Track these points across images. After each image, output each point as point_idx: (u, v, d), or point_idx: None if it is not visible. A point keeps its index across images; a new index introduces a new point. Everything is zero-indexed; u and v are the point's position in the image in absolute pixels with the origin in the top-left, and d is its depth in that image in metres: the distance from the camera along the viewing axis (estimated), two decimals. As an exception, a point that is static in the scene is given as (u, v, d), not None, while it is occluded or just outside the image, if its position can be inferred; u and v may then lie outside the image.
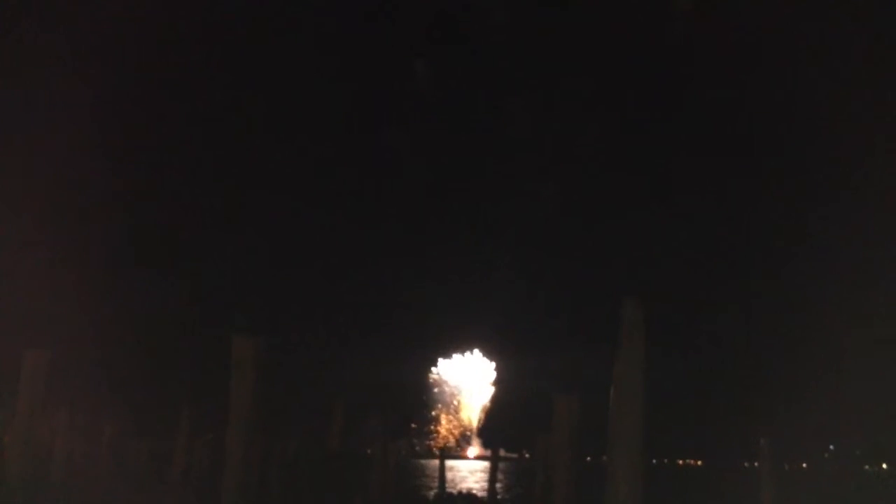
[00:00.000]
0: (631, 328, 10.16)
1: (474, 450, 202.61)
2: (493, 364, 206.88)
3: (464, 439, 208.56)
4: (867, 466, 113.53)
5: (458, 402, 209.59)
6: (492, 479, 27.09)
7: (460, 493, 31.73)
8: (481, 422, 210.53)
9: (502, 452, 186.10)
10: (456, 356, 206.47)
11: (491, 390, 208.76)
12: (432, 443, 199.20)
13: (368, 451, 25.93)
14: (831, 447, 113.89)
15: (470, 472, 78.58)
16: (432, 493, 29.96)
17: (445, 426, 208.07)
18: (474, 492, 32.62)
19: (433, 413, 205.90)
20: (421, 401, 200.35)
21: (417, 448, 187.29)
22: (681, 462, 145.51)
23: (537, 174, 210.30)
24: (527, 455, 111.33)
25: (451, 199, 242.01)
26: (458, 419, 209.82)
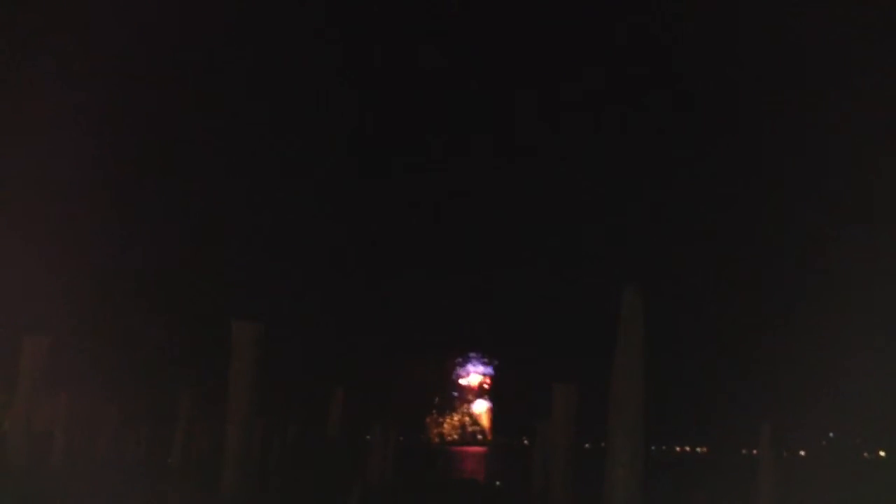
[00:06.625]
0: (631, 315, 10.15)
1: (475, 438, 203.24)
2: (492, 363, 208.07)
3: (465, 427, 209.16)
4: (865, 454, 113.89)
5: (461, 391, 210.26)
6: (491, 466, 27.18)
7: (460, 478, 31.86)
8: (482, 412, 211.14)
9: (501, 440, 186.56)
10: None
11: (490, 382, 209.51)
12: (434, 430, 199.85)
13: (368, 437, 25.99)
14: (830, 435, 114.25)
15: (470, 458, 78.85)
16: (432, 478, 30.03)
17: (451, 421, 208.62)
18: (473, 477, 32.74)
19: (435, 401, 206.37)
20: (424, 389, 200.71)
21: (421, 436, 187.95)
22: (678, 449, 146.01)
23: (541, 166, 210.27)
24: (525, 442, 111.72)
25: (449, 192, 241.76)
26: (461, 409, 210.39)
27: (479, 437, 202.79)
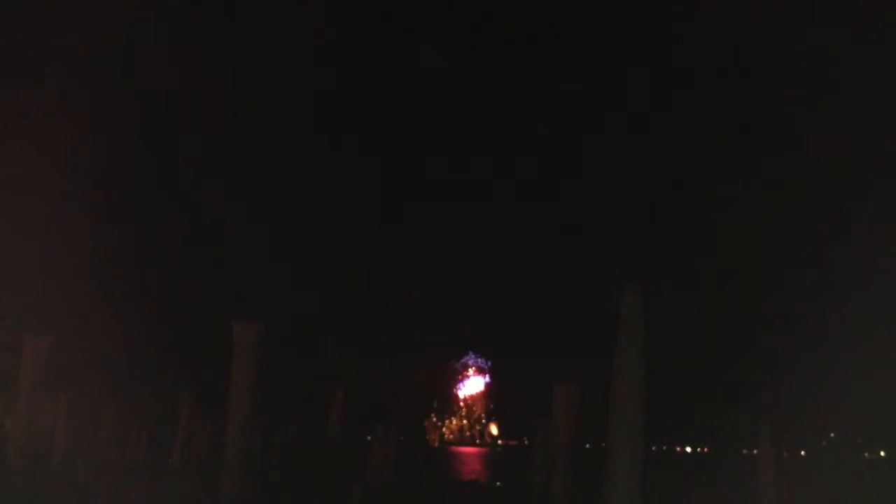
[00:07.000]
0: (631, 315, 10.15)
1: (473, 439, 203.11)
2: (489, 362, 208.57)
3: (462, 430, 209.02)
4: (866, 454, 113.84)
5: (462, 394, 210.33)
6: (490, 466, 27.18)
7: (460, 479, 31.84)
8: (482, 412, 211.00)
9: (502, 441, 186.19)
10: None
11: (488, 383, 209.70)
12: (434, 432, 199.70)
13: (368, 437, 25.98)
14: (831, 435, 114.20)
15: (471, 459, 78.77)
16: (432, 478, 30.00)
17: (450, 425, 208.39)
18: (474, 477, 32.72)
19: (434, 404, 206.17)
20: (424, 389, 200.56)
21: (419, 437, 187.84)
22: (678, 449, 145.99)
23: (541, 166, 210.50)
24: (526, 442, 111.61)
25: (449, 193, 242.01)
26: (463, 410, 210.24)
27: (478, 441, 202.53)
